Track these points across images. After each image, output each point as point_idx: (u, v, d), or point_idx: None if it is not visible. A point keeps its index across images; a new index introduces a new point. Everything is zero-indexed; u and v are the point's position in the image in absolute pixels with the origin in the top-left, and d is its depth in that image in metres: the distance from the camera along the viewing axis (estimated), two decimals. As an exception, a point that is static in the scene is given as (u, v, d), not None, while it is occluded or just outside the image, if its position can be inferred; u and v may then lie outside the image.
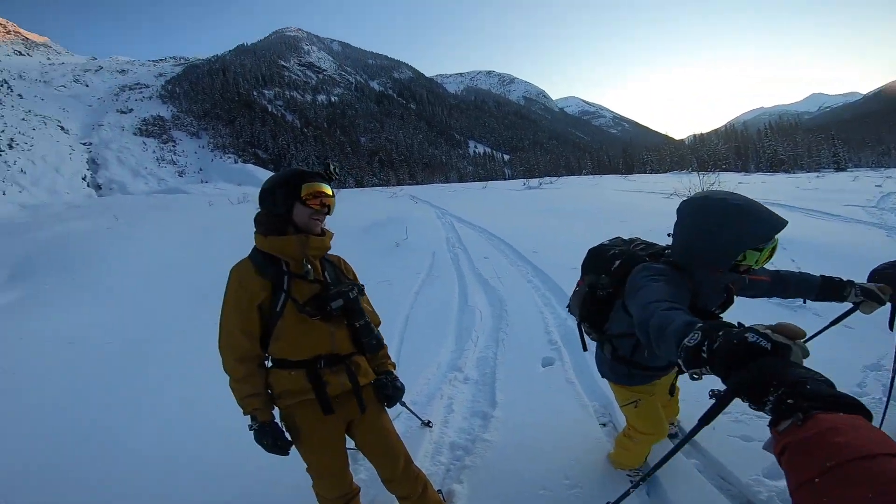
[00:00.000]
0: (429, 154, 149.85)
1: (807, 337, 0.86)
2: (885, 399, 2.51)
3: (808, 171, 38.86)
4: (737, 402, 0.83)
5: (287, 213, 1.58)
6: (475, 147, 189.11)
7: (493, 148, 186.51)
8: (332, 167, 1.69)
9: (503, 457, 2.39)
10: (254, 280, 1.56)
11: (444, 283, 5.84)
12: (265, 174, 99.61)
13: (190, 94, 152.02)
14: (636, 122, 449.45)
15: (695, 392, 2.54)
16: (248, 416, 1.62)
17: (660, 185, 17.97)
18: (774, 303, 4.14)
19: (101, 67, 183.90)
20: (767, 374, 0.76)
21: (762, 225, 1.31)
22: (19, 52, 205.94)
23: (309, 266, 1.62)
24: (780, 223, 1.31)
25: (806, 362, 0.85)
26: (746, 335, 0.81)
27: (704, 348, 0.86)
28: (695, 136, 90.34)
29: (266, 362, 1.66)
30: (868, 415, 0.69)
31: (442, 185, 42.17)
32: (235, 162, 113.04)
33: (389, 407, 1.81)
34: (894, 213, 8.57)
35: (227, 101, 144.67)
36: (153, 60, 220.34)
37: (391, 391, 1.78)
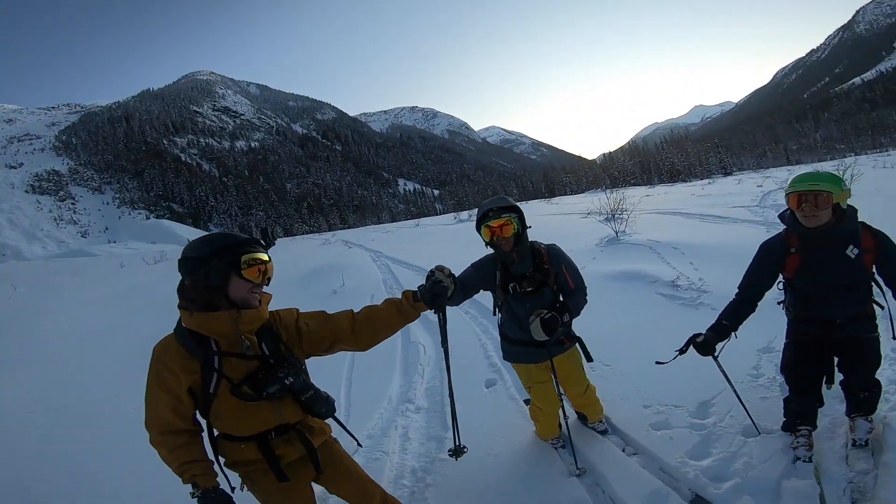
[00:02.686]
0: (359, 196, 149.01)
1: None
2: (778, 377, 2.89)
3: (701, 179, 43.61)
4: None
5: (222, 286, 1.45)
6: (405, 185, 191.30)
7: (422, 184, 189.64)
8: (269, 232, 1.63)
9: (462, 472, 2.58)
10: (179, 362, 1.45)
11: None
12: (184, 230, 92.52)
13: (89, 144, 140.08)
14: (553, 146, 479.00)
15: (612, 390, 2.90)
16: (189, 485, 1.52)
17: (578, 206, 19.22)
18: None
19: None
20: None
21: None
22: None
23: (246, 342, 1.50)
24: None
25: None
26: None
27: None
28: (604, 155, 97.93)
29: (204, 432, 1.59)
30: None
31: (375, 226, 41.97)
32: (147, 218, 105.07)
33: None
34: (773, 209, 9.69)
35: (132, 152, 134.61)
36: (44, 108, 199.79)
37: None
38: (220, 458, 1.63)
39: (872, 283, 2.18)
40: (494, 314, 2.67)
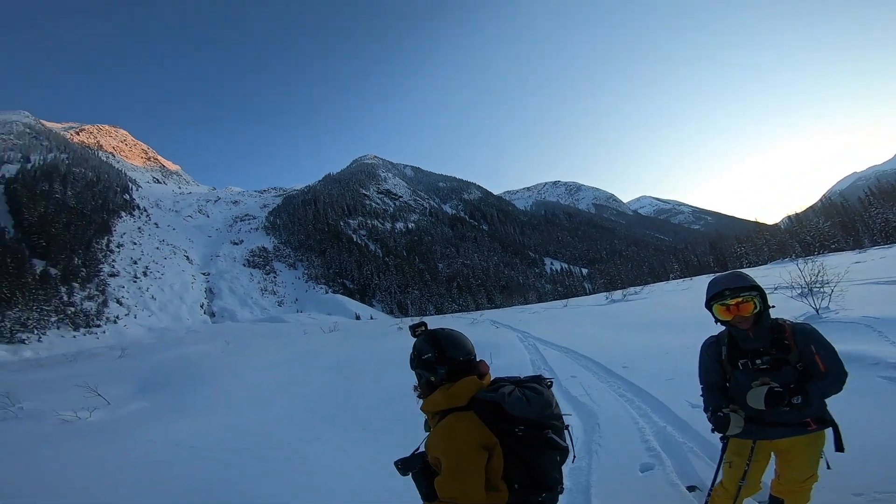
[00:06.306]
0: (505, 276, 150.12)
1: None
2: None
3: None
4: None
5: None
6: (551, 264, 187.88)
7: (569, 263, 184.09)
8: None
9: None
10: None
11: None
12: (354, 304, 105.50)
13: (288, 225, 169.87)
14: (719, 213, 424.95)
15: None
16: None
17: (761, 280, 16.35)
18: None
19: (219, 198, 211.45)
20: None
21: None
22: (157, 179, 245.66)
23: None
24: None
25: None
26: None
27: None
28: (790, 217, 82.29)
29: None
30: None
31: (521, 306, 41.61)
32: (326, 292, 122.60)
33: None
34: None
35: (318, 233, 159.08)
36: (258, 191, 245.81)
37: None
38: None
39: None
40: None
